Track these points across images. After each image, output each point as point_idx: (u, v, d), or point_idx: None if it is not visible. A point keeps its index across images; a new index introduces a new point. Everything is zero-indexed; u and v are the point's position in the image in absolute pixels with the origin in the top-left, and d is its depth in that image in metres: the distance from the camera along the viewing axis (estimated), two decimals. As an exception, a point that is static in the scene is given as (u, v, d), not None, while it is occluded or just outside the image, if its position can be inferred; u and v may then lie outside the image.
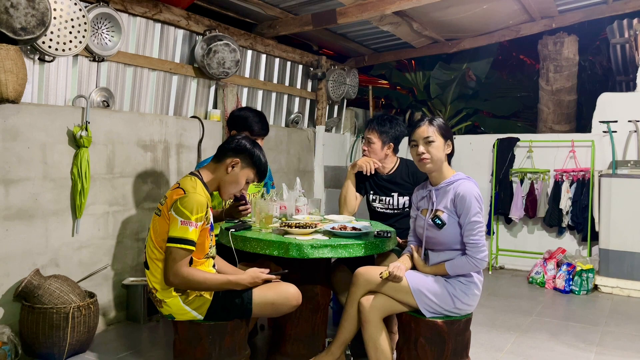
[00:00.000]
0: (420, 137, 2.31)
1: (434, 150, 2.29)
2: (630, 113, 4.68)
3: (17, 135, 2.87)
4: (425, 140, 2.29)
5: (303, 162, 5.42)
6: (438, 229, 2.29)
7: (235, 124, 3.04)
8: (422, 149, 2.30)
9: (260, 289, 2.23)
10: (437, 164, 2.31)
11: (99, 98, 3.41)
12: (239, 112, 3.11)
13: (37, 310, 2.72)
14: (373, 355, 2.31)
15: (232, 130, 3.04)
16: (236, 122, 3.04)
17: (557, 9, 4.90)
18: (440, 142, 2.30)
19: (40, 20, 2.75)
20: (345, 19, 4.34)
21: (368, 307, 2.29)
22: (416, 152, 2.32)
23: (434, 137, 2.29)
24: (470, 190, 2.25)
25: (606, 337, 3.35)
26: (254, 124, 2.99)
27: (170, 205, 2.12)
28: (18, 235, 2.89)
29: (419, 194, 2.49)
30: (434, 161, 2.30)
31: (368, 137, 3.07)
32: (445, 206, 2.29)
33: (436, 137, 2.30)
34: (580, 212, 4.82)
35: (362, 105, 6.73)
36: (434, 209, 2.32)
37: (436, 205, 2.32)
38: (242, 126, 2.99)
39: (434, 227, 2.30)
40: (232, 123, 3.07)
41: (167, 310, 2.18)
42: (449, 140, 2.35)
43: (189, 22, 3.94)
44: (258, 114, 3.08)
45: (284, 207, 2.85)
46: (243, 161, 2.29)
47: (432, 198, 2.34)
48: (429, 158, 2.28)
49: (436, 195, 2.34)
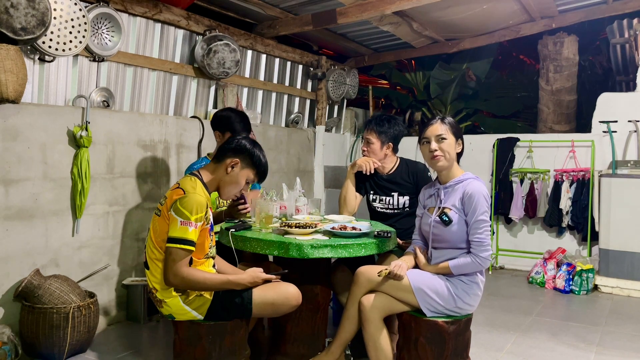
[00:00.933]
0: (432, 134, 2.31)
1: (447, 147, 2.29)
2: (630, 113, 4.68)
3: (17, 135, 2.87)
4: (437, 138, 2.30)
5: (303, 162, 5.42)
6: (445, 226, 2.28)
7: (217, 125, 3.04)
8: (435, 145, 2.30)
9: (260, 289, 2.23)
10: (449, 161, 2.32)
11: (99, 98, 3.41)
12: (221, 112, 3.11)
13: (37, 310, 2.72)
14: (373, 354, 2.31)
15: (215, 130, 3.04)
16: (218, 122, 3.04)
17: (557, 9, 4.90)
18: (452, 140, 2.31)
19: (40, 20, 2.75)
20: (345, 19, 4.34)
21: (369, 306, 2.29)
22: (428, 149, 2.32)
23: (447, 135, 2.30)
24: (479, 189, 2.26)
25: (606, 337, 3.35)
26: (236, 124, 2.97)
27: (170, 206, 2.12)
28: (18, 235, 2.89)
29: (426, 192, 2.49)
30: (447, 159, 2.30)
31: (367, 137, 3.07)
32: (453, 204, 2.29)
33: (448, 135, 2.30)
34: (580, 212, 4.82)
35: (362, 105, 6.73)
36: (441, 207, 2.32)
37: (444, 203, 2.32)
38: (224, 126, 2.99)
39: (440, 223, 2.30)
40: (214, 123, 3.07)
41: (167, 310, 2.18)
42: (459, 139, 2.35)
43: (189, 22, 3.94)
44: (240, 114, 3.07)
45: (284, 207, 2.85)
46: (243, 161, 2.29)
47: (440, 196, 2.35)
48: (442, 155, 2.29)
49: (444, 193, 2.34)
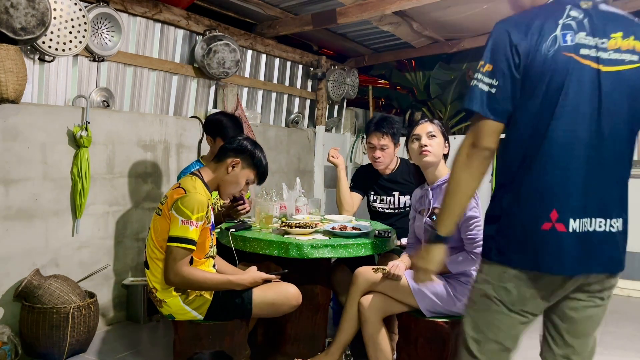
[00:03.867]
0: (423, 131, 2.38)
1: (436, 144, 2.35)
2: (630, 113, 4.67)
3: (17, 135, 2.87)
4: (428, 134, 2.37)
5: (303, 162, 5.42)
6: None
7: (208, 129, 3.04)
8: (425, 141, 2.35)
9: (260, 289, 2.23)
10: (437, 158, 2.36)
11: (99, 98, 3.41)
12: (213, 116, 3.10)
13: (37, 310, 2.72)
14: (373, 355, 2.31)
15: (207, 135, 3.03)
16: (209, 126, 3.03)
17: (557, 9, 4.89)
18: (440, 139, 2.38)
19: (40, 20, 2.75)
20: (345, 19, 4.34)
21: (368, 306, 2.29)
22: (419, 144, 2.36)
23: (436, 133, 2.38)
24: None
25: (606, 337, 3.34)
26: (228, 129, 2.95)
27: (171, 205, 2.12)
28: (18, 235, 2.89)
29: (416, 194, 2.51)
30: (435, 155, 2.35)
31: (381, 143, 2.98)
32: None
33: (437, 134, 2.38)
34: (580, 212, 4.80)
35: (362, 105, 6.73)
36: (431, 208, 2.32)
37: (433, 203, 2.32)
38: (214, 131, 2.98)
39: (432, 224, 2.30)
40: (206, 128, 3.06)
41: (167, 310, 2.18)
42: (446, 141, 2.42)
43: (189, 22, 3.94)
44: (231, 118, 3.06)
45: (284, 207, 2.85)
46: (244, 162, 2.29)
47: (429, 196, 2.35)
48: (431, 150, 2.33)
49: (433, 193, 2.35)
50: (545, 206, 1.34)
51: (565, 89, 1.31)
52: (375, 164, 3.07)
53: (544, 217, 1.34)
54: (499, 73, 1.33)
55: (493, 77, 1.33)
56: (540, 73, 1.32)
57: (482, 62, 1.35)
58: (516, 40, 1.32)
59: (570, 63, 1.31)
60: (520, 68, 1.32)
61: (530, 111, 1.35)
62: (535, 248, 1.35)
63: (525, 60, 1.32)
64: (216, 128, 2.98)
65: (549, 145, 1.33)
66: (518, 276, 1.39)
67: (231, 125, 2.99)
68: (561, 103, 1.32)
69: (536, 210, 1.35)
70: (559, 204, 1.34)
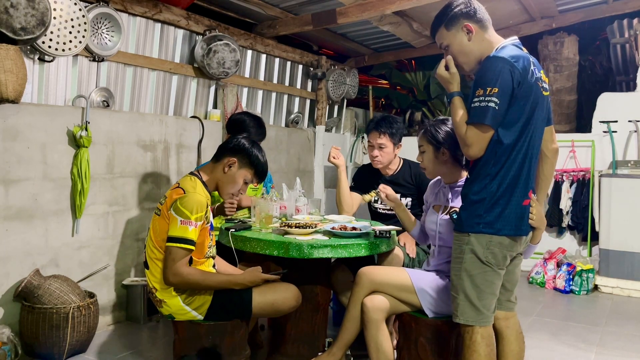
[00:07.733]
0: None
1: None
2: (630, 113, 4.68)
3: (17, 135, 2.87)
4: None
5: (303, 162, 5.42)
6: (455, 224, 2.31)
7: (232, 128, 3.04)
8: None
9: (260, 289, 2.23)
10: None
11: (99, 98, 3.41)
12: (237, 116, 3.11)
13: (37, 310, 2.72)
14: (374, 356, 2.30)
15: (229, 134, 3.04)
16: (232, 126, 3.04)
17: (557, 9, 4.90)
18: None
19: (40, 20, 2.75)
20: (345, 19, 4.34)
21: (371, 307, 2.28)
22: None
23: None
24: None
25: (606, 337, 3.35)
26: (250, 129, 2.97)
27: (170, 205, 2.12)
28: (18, 235, 2.89)
29: (432, 188, 2.53)
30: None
31: (379, 142, 3.01)
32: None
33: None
34: (580, 212, 4.82)
35: (362, 105, 6.73)
36: (449, 207, 2.33)
37: (451, 202, 2.34)
38: (238, 130, 2.98)
39: (450, 222, 2.30)
40: (229, 127, 3.07)
41: (167, 310, 2.18)
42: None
43: (189, 22, 3.94)
44: (255, 118, 3.07)
45: (284, 207, 2.85)
46: (240, 161, 2.28)
47: (447, 195, 2.36)
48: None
49: (452, 193, 2.36)
50: (527, 188, 1.91)
51: (539, 107, 1.89)
52: (373, 162, 3.10)
53: (525, 196, 1.91)
54: (502, 95, 1.80)
55: (498, 98, 1.80)
56: (527, 95, 1.85)
57: (490, 87, 1.80)
58: (515, 72, 1.81)
59: (538, 89, 1.90)
60: (514, 91, 1.82)
61: (519, 122, 1.85)
62: (517, 218, 1.90)
63: (517, 86, 1.82)
64: (239, 128, 2.99)
65: (529, 145, 1.89)
66: (501, 242, 1.89)
67: (254, 125, 3.01)
68: (535, 116, 1.88)
69: (520, 191, 1.89)
70: (532, 186, 1.95)
